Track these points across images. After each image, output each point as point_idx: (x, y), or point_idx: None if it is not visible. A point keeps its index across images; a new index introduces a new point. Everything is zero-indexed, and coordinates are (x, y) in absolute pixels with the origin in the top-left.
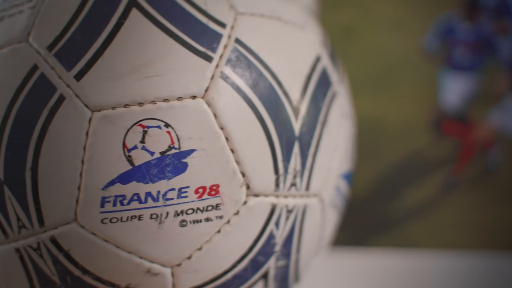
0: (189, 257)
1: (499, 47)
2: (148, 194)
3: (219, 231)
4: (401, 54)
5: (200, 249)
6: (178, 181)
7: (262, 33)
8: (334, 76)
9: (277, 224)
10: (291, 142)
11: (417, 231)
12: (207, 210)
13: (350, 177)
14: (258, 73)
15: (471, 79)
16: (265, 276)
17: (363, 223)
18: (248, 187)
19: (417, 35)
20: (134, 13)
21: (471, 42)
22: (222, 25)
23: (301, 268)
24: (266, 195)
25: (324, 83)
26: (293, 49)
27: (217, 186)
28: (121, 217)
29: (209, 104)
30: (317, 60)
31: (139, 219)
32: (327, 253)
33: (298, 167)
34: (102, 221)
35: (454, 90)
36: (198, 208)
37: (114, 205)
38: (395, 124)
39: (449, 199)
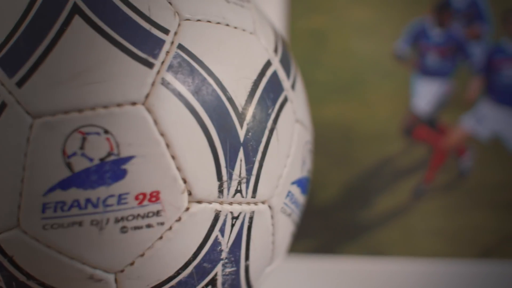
0: (132, 264)
1: (470, 52)
2: (88, 200)
3: (161, 238)
4: (373, 59)
5: (142, 255)
6: (117, 188)
7: (208, 39)
8: (286, 82)
9: (222, 231)
10: (235, 148)
11: (388, 238)
12: (148, 217)
13: (305, 184)
14: (201, 79)
15: (443, 84)
16: (212, 283)
17: (333, 230)
18: (190, 194)
19: (389, 40)
20: (77, 20)
21: (443, 48)
22: (165, 31)
23: (252, 275)
24: (209, 202)
25: (273, 88)
26: (241, 54)
27: (158, 192)
28: (62, 223)
29: (149, 111)
30: (267, 65)
31: (80, 225)
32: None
33: (244, 174)
34: (43, 227)
35: (426, 95)
36: (138, 215)
37: (55, 211)
38: (366, 131)
39: (420, 206)
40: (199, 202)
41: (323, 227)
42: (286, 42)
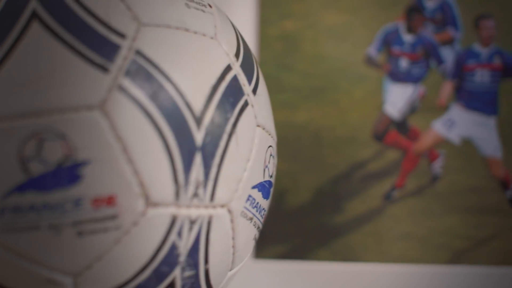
0: (89, 267)
1: (442, 57)
2: (45, 204)
3: (118, 242)
4: (345, 64)
5: (99, 259)
6: (74, 192)
7: (166, 44)
8: (246, 86)
9: (179, 234)
10: (192, 152)
11: (359, 243)
12: (104, 221)
13: (267, 189)
14: (159, 84)
15: (414, 89)
16: (171, 286)
17: (304, 235)
18: (146, 198)
19: (360, 45)
20: (35, 26)
21: (414, 53)
22: (123, 36)
23: (213, 279)
24: (166, 206)
25: (233, 93)
26: (200, 59)
27: (114, 196)
28: (20, 227)
29: (105, 116)
30: (227, 70)
31: (37, 229)
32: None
33: (201, 178)
34: (1, 231)
35: (398, 100)
36: (95, 219)
37: (13, 215)
38: (338, 135)
39: (391, 211)
40: (156, 206)
41: (295, 232)
42: (248, 47)
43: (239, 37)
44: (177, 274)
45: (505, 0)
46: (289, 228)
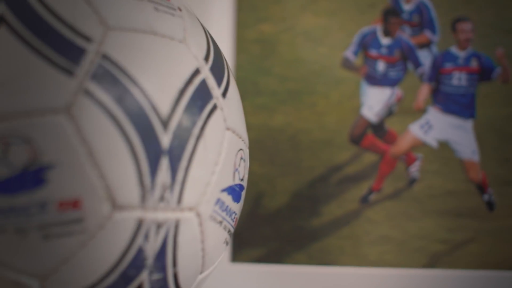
0: (56, 270)
1: (419, 60)
2: (11, 207)
3: (84, 245)
4: (322, 67)
5: (66, 262)
6: (39, 196)
7: (133, 48)
8: (215, 89)
9: (146, 238)
10: (159, 155)
11: (336, 247)
12: (70, 224)
13: (238, 192)
14: (125, 88)
15: (391, 92)
16: None
17: (281, 238)
18: (112, 202)
19: (338, 48)
20: (2, 30)
21: (392, 56)
22: (89, 40)
23: (183, 283)
24: (132, 210)
25: (201, 96)
26: (167, 63)
27: (80, 200)
28: None
29: (71, 120)
30: (195, 73)
31: (3, 232)
32: (247, 269)
33: (168, 181)
34: None
35: (375, 103)
36: (60, 222)
37: None
38: (315, 139)
39: (368, 214)
40: (122, 210)
41: (271, 235)
42: (219, 50)
43: (209, 41)
44: (144, 277)
45: (482, 3)
46: (266, 232)
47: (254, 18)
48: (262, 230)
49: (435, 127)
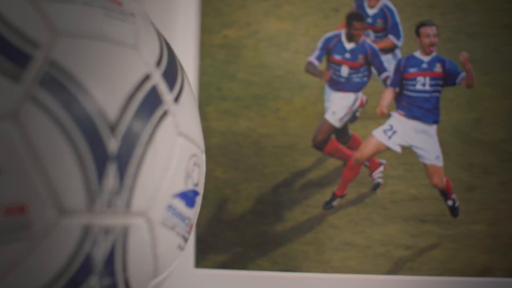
0: (3, 276)
1: (383, 65)
2: None
3: (31, 251)
4: (287, 73)
5: (13, 268)
6: None
7: (82, 54)
8: (167, 95)
9: (94, 243)
10: (105, 161)
11: (300, 253)
12: (16, 230)
13: (191, 198)
14: (72, 94)
15: (355, 98)
16: None
17: (245, 244)
18: (59, 207)
19: (302, 53)
20: None
21: (355, 61)
22: (37, 46)
23: (134, 287)
24: (79, 215)
25: (151, 102)
26: (116, 69)
27: (26, 206)
28: None
29: (17, 126)
30: (145, 79)
31: None
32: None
33: (116, 187)
34: None
35: (339, 109)
36: (6, 228)
37: None
38: (279, 144)
39: (332, 220)
40: (69, 215)
41: (235, 241)
42: (175, 55)
43: (163, 46)
44: (94, 282)
45: (446, 8)
46: (230, 237)
47: (218, 23)
48: (226, 236)
49: (399, 132)
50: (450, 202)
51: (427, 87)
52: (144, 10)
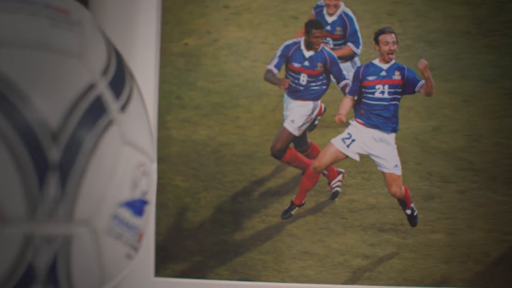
0: None
1: (342, 73)
2: None
3: None
4: (246, 81)
5: None
6: None
7: (25, 65)
8: (112, 104)
9: (36, 252)
10: (47, 170)
11: (259, 262)
12: None
13: (138, 207)
14: (13, 104)
15: (314, 106)
16: None
17: (204, 253)
18: None
19: (261, 61)
20: None
21: (314, 69)
22: None
23: None
24: (20, 225)
25: (95, 111)
26: (60, 78)
27: None
28: None
29: None
30: (89, 88)
31: None
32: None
33: (58, 195)
34: None
35: (297, 117)
36: None
37: None
38: (238, 152)
39: (290, 229)
40: (9, 225)
41: (195, 250)
42: (125, 64)
43: (111, 54)
44: None
45: (405, 15)
46: (190, 246)
47: (179, 32)
48: (186, 245)
49: (357, 140)
50: (408, 211)
51: (386, 95)
52: (94, 18)
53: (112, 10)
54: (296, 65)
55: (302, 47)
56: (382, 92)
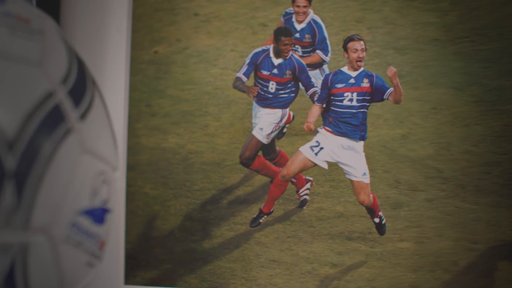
0: None
1: (311, 81)
2: None
3: None
4: (215, 89)
5: None
6: None
7: None
8: (72, 112)
9: None
10: (2, 178)
11: (228, 269)
12: None
13: (98, 215)
14: None
15: (282, 114)
16: None
17: (174, 261)
18: None
19: (231, 70)
20: None
21: (283, 77)
22: None
23: None
24: None
25: (53, 119)
26: (17, 87)
27: None
28: None
29: None
30: (48, 96)
31: None
32: None
33: (13, 203)
34: None
35: (266, 125)
36: None
37: None
38: (207, 160)
39: (259, 237)
40: None
41: (165, 258)
42: (87, 72)
43: (72, 62)
44: None
45: (374, 22)
46: (159, 254)
47: (149, 40)
48: (156, 252)
49: (326, 148)
50: (376, 220)
51: (355, 103)
52: (57, 26)
53: (83, 18)
54: (265, 72)
55: (271, 54)
56: (351, 100)
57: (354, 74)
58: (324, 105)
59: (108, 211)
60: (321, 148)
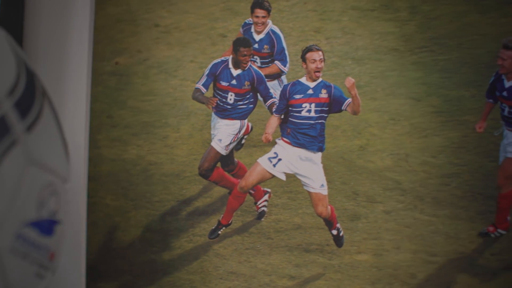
0: None
1: (269, 92)
2: None
3: None
4: (175, 100)
5: None
6: None
7: None
8: (17, 125)
9: None
10: None
11: (187, 281)
12: None
13: (46, 226)
14: None
15: (241, 125)
16: None
17: (133, 273)
18: None
19: (190, 80)
20: None
21: (242, 88)
22: None
23: None
24: None
25: None
26: None
27: None
28: None
29: None
30: None
31: None
32: None
33: None
34: None
35: (224, 136)
36: None
37: None
38: (166, 172)
39: (217, 249)
40: None
41: (125, 269)
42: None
43: (21, 73)
44: None
45: (332, 33)
46: (120, 265)
47: (110, 51)
48: (116, 264)
49: (284, 160)
50: (334, 232)
51: (313, 114)
52: (7, 36)
53: (46, 29)
54: (223, 83)
55: (230, 65)
56: (309, 111)
57: (312, 84)
58: (283, 116)
59: (57, 223)
60: (279, 160)
